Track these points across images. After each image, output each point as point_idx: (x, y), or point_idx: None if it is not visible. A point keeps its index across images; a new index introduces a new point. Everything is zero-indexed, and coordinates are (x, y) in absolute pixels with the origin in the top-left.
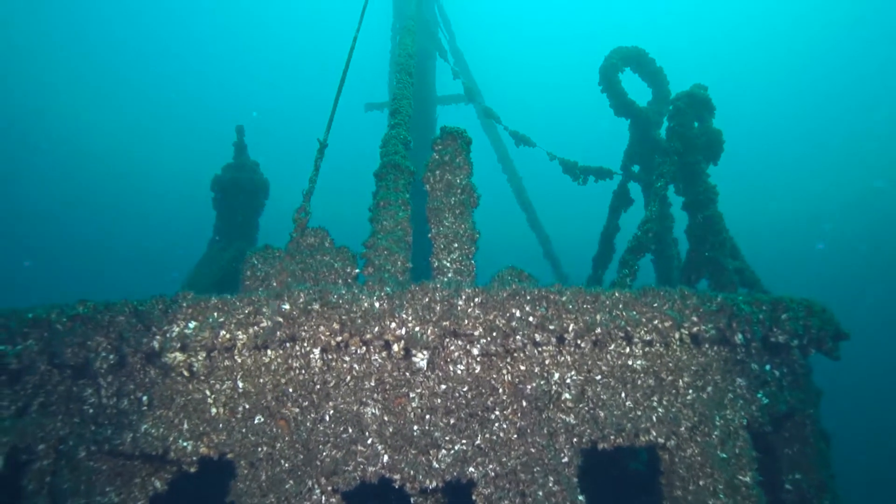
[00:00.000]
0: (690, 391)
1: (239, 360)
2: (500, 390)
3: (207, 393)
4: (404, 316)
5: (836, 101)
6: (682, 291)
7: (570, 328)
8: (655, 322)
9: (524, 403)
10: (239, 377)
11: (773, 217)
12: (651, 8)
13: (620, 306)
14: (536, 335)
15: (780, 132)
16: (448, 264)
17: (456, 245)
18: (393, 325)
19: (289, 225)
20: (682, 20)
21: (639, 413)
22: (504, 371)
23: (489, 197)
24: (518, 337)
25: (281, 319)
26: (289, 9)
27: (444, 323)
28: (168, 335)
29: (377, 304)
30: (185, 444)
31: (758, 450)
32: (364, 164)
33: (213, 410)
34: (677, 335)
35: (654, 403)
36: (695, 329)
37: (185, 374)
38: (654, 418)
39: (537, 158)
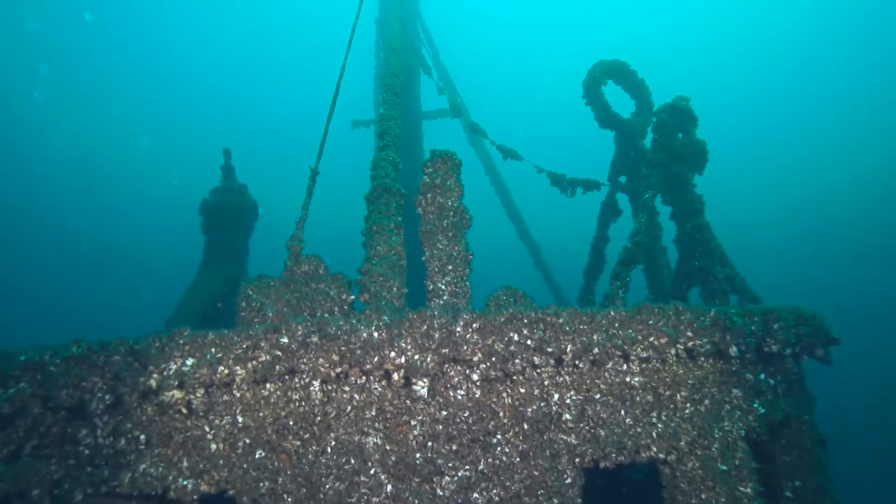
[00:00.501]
0: (688, 405)
1: (238, 395)
2: (501, 414)
3: (207, 429)
4: (403, 345)
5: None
6: (676, 307)
7: (568, 349)
8: (651, 339)
9: (525, 426)
10: (238, 412)
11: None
12: (636, 19)
13: (616, 325)
14: (535, 358)
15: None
16: (443, 287)
17: (450, 267)
18: (392, 354)
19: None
20: (667, 33)
21: (639, 430)
22: (504, 395)
23: (477, 209)
24: (517, 360)
25: (279, 353)
26: (282, 21)
27: (444, 350)
28: (165, 373)
29: (376, 334)
30: (184, 482)
31: (756, 459)
32: (351, 176)
33: (213, 447)
34: (673, 351)
35: (654, 419)
36: (690, 344)
37: (184, 411)
38: (654, 434)
39: (525, 171)
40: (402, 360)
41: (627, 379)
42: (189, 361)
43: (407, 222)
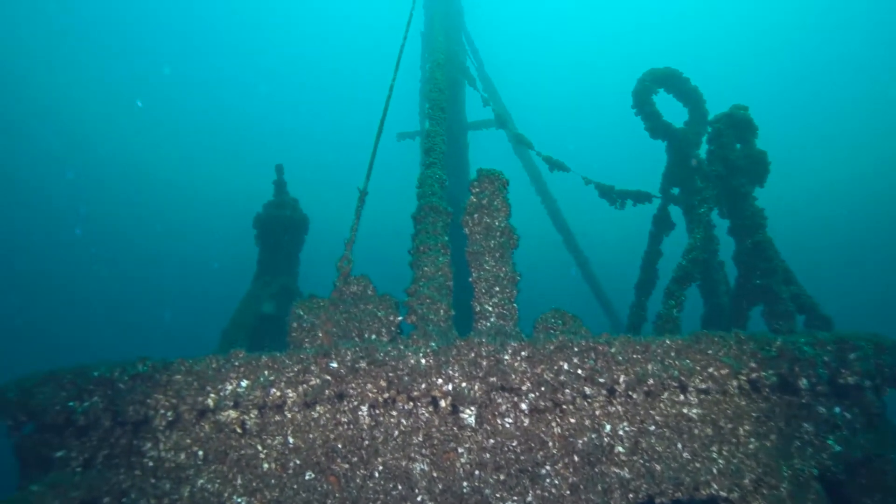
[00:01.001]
0: (752, 439)
1: (289, 416)
2: (551, 444)
3: (259, 448)
4: (451, 372)
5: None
6: (737, 336)
7: (621, 379)
8: (711, 370)
9: (576, 457)
10: (289, 433)
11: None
12: (687, 25)
13: (672, 354)
14: (586, 388)
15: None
16: (490, 308)
17: (497, 289)
18: (440, 381)
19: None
20: (716, 39)
21: (697, 465)
22: (553, 424)
23: (523, 219)
24: (567, 391)
25: (329, 378)
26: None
27: (491, 378)
28: (222, 393)
29: (423, 361)
30: (239, 499)
31: (832, 501)
32: (396, 186)
33: (265, 466)
34: (735, 383)
35: (714, 454)
36: (754, 375)
37: (238, 430)
38: (715, 470)
39: (573, 182)
40: (450, 387)
41: (685, 410)
42: (244, 383)
43: (453, 238)
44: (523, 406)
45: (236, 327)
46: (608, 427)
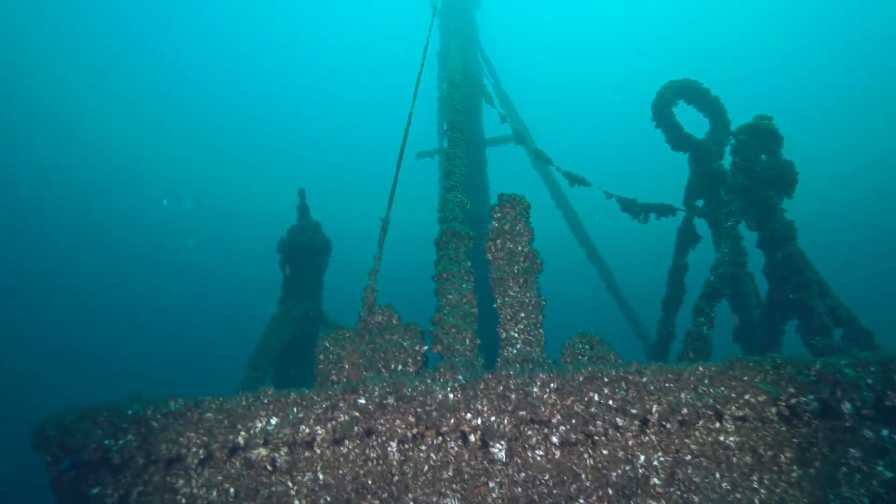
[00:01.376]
0: (795, 467)
1: (318, 453)
2: (584, 477)
3: (290, 485)
4: (479, 406)
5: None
6: (773, 360)
7: (654, 409)
8: (747, 397)
9: (610, 490)
10: (319, 469)
11: None
12: (706, 37)
13: (706, 382)
14: (618, 419)
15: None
16: (516, 335)
17: (522, 315)
18: (468, 416)
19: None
20: (736, 51)
21: (738, 495)
22: (586, 457)
23: (544, 234)
24: (598, 422)
25: (358, 414)
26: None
27: (521, 412)
28: (252, 431)
29: (451, 396)
30: None
31: None
32: (416, 203)
33: (296, 503)
34: (774, 409)
35: (755, 484)
36: (793, 401)
37: (269, 467)
38: (757, 500)
39: (595, 195)
40: (479, 421)
41: (721, 438)
42: (273, 420)
43: (476, 258)
44: (554, 439)
45: (262, 352)
46: (642, 458)
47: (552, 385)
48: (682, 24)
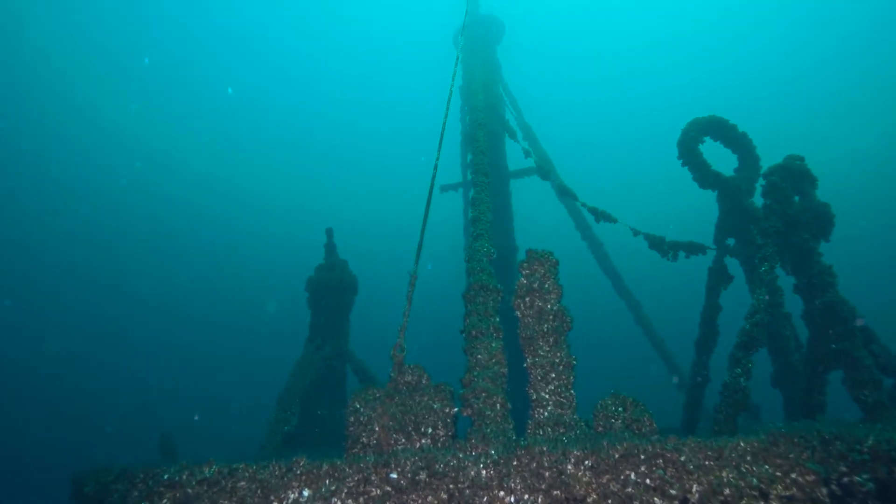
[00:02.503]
0: None
1: None
2: None
3: None
4: (512, 485)
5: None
6: (820, 435)
7: (694, 489)
8: (794, 476)
9: None
10: None
11: None
12: (735, 70)
13: (749, 459)
14: (656, 499)
15: None
16: (546, 396)
17: (553, 375)
18: (501, 493)
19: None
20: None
21: None
22: None
23: (570, 265)
24: (636, 502)
25: (390, 489)
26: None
27: (555, 491)
28: (284, 502)
29: (484, 472)
30: None
31: None
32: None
33: None
34: (824, 490)
35: None
36: (846, 480)
37: None
38: None
39: (622, 231)
40: (512, 499)
41: None
42: (305, 493)
43: (503, 298)
44: None
45: (290, 393)
46: None
47: (587, 462)
48: (697, 49)
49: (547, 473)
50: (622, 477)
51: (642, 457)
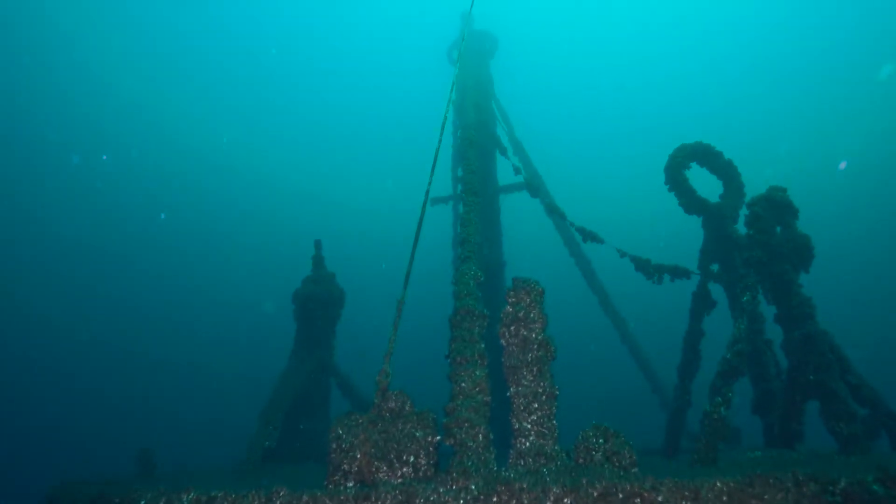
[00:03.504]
0: None
1: None
2: None
3: None
4: None
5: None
6: (795, 477)
7: None
8: None
9: None
10: None
11: None
12: (726, 93)
13: (725, 500)
14: None
15: None
16: (529, 426)
17: (536, 405)
18: None
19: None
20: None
21: None
22: None
23: (556, 281)
24: None
25: None
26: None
27: None
28: None
29: None
30: None
31: None
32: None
33: None
34: None
35: None
36: None
37: None
38: None
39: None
40: None
41: None
42: None
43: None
44: None
45: (273, 407)
46: None
47: (566, 501)
48: (691, 66)
49: None
50: None
51: (620, 496)
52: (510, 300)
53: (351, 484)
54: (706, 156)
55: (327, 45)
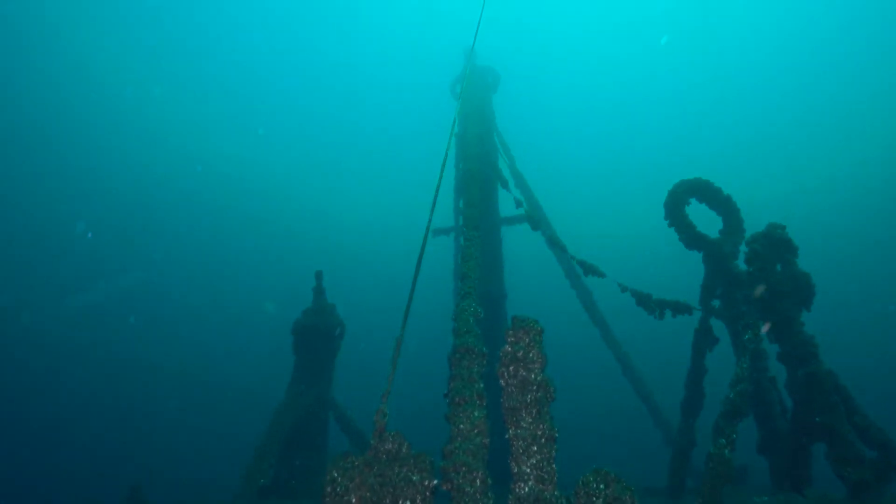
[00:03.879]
0: None
1: None
2: None
3: None
4: None
5: None
6: None
7: None
8: None
9: None
10: None
11: None
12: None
13: None
14: None
15: None
16: (528, 470)
17: (535, 448)
18: None
19: None
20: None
21: None
22: None
23: (557, 311)
24: None
25: None
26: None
27: None
28: None
29: None
30: None
31: None
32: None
33: None
34: None
35: None
36: None
37: None
38: None
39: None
40: None
41: None
42: None
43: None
44: None
45: (268, 442)
46: None
47: None
48: (692, 94)
49: None
50: None
51: None
52: (509, 339)
53: None
54: (705, 192)
55: (334, 74)
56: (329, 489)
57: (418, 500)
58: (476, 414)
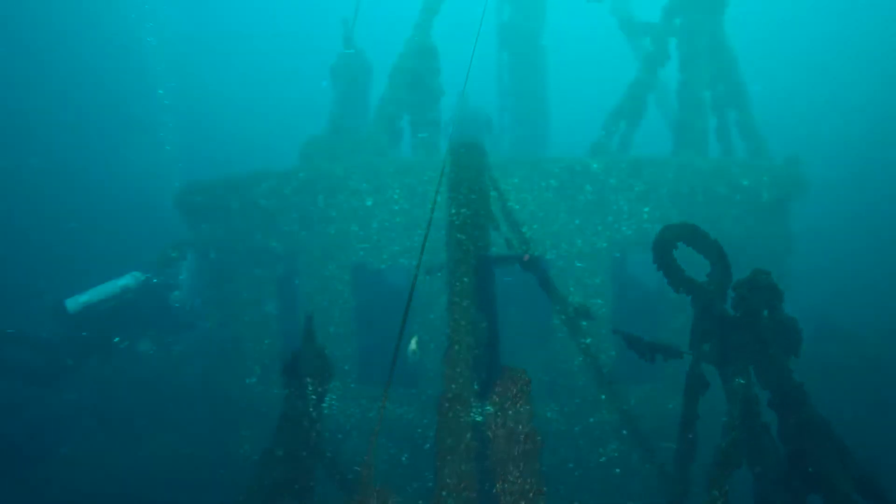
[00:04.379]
0: None
1: None
2: None
3: None
4: None
5: None
6: None
7: None
8: None
9: None
10: None
11: None
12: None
13: None
14: None
15: None
16: None
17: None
18: None
19: None
20: None
21: None
22: None
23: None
24: None
25: None
26: None
27: None
28: None
29: None
30: None
31: None
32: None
33: None
34: None
35: None
36: None
37: None
38: None
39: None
40: None
41: None
42: None
43: None
44: None
45: (255, 491)
46: None
47: None
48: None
49: None
50: None
51: None
52: (496, 389)
53: None
54: (692, 237)
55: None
56: None
57: None
58: (464, 468)
